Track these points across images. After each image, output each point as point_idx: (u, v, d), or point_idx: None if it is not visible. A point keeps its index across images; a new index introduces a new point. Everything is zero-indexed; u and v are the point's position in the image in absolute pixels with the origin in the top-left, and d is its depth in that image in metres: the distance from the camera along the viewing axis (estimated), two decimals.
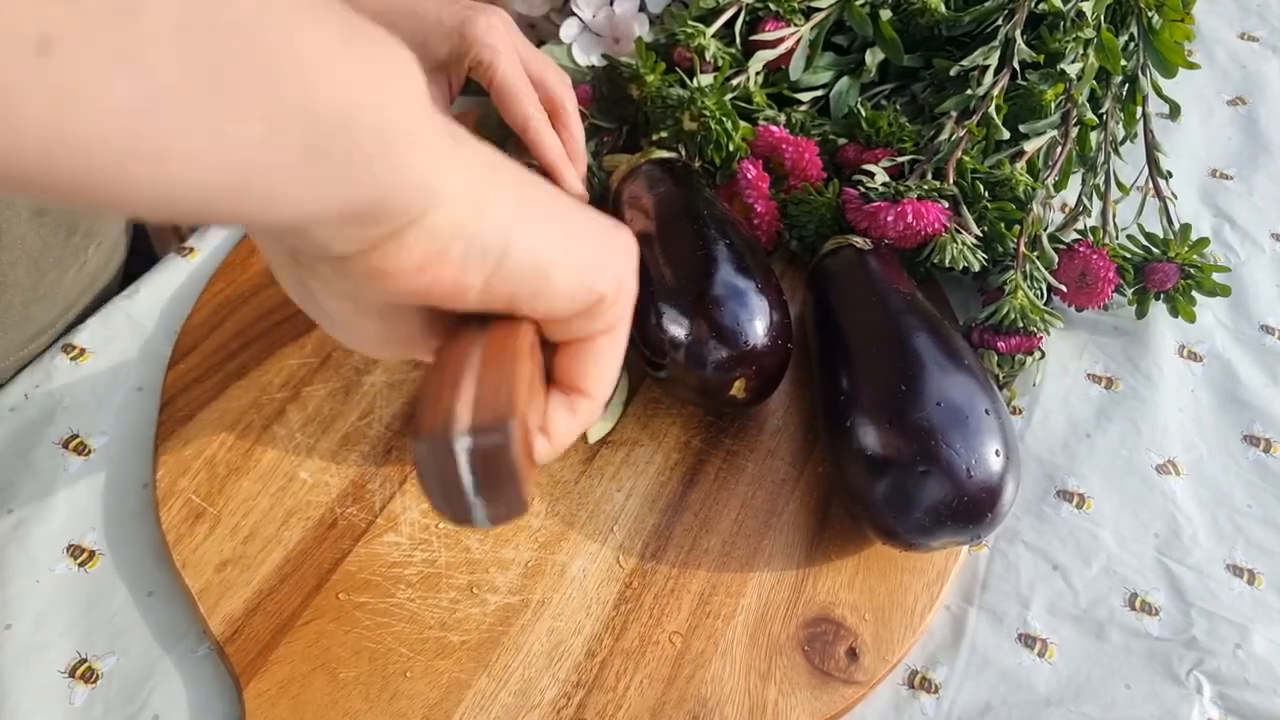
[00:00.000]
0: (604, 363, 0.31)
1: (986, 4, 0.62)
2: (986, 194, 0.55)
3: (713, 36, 0.62)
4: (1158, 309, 0.57)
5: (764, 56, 0.63)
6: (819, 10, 0.64)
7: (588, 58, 0.67)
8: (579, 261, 0.29)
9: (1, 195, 0.50)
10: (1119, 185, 0.61)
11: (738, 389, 0.47)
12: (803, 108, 0.63)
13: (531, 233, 0.28)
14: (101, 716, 0.43)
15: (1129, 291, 0.57)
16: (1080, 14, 0.60)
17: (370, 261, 0.25)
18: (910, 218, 0.52)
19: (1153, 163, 0.61)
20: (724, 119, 0.58)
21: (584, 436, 0.50)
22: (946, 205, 0.54)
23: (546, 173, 0.57)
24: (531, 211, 0.28)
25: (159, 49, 0.19)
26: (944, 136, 0.57)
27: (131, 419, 0.53)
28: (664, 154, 0.58)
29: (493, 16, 0.55)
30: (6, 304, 0.54)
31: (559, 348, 0.32)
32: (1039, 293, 0.54)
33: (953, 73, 0.60)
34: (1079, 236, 0.56)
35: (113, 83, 0.18)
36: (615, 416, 0.52)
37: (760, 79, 0.63)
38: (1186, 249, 0.55)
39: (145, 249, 0.69)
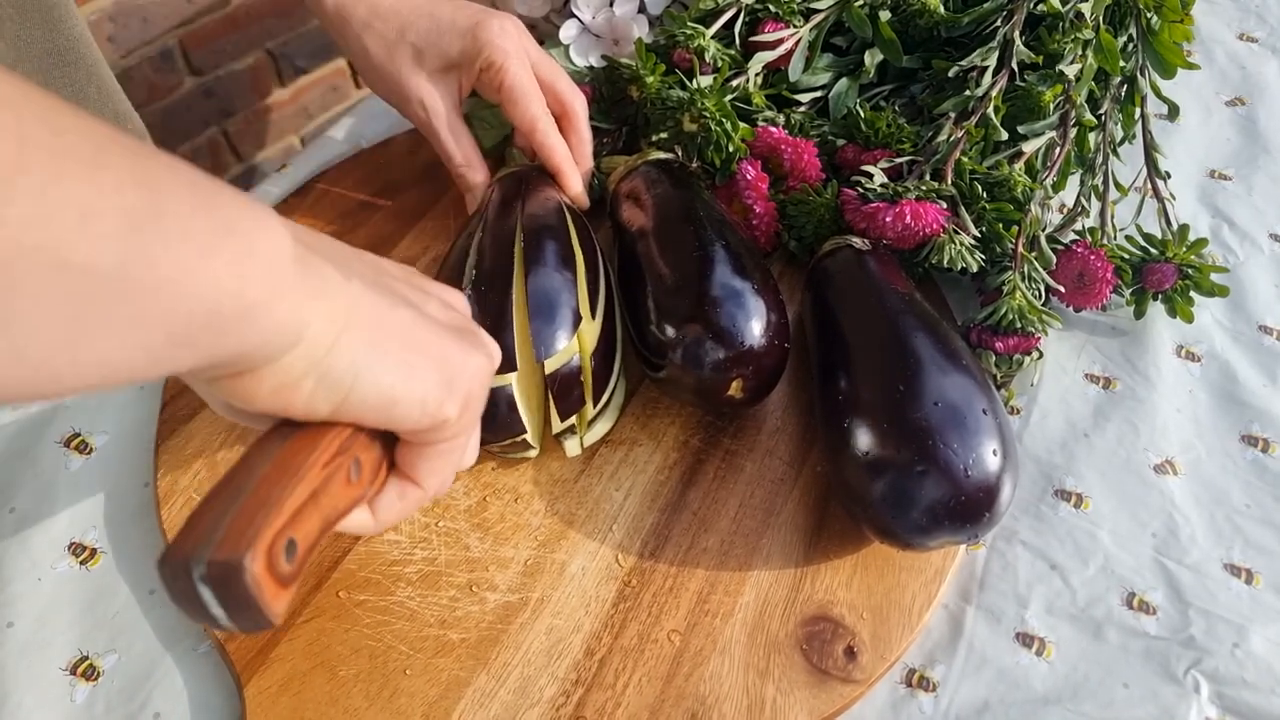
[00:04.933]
0: (440, 465, 0.33)
1: (985, 5, 0.62)
2: (985, 195, 0.55)
3: (712, 38, 0.63)
4: (1156, 309, 0.57)
5: (763, 58, 0.63)
6: (818, 11, 0.64)
7: (587, 59, 0.67)
8: (425, 393, 0.30)
9: None
10: (1117, 186, 0.61)
11: (735, 389, 0.47)
12: (802, 109, 0.64)
13: (380, 368, 0.29)
14: (103, 714, 0.43)
15: (1127, 292, 0.57)
16: (1079, 15, 0.60)
17: (228, 386, 0.27)
18: (908, 218, 0.53)
19: (1151, 163, 0.61)
20: (723, 120, 0.58)
21: (580, 443, 0.50)
22: (945, 206, 0.54)
23: (551, 174, 0.57)
24: (384, 346, 0.29)
25: (37, 314, 0.21)
26: (942, 137, 0.57)
27: (132, 417, 0.53)
28: (662, 155, 0.58)
29: (506, 21, 0.56)
30: None
31: (402, 439, 0.33)
32: (1037, 293, 0.54)
33: (951, 74, 0.60)
34: (1077, 237, 0.56)
35: None
36: (614, 416, 0.52)
37: (759, 80, 0.64)
38: (1185, 249, 0.55)
39: None
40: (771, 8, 0.63)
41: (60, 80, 0.50)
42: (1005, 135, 0.58)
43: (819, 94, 0.64)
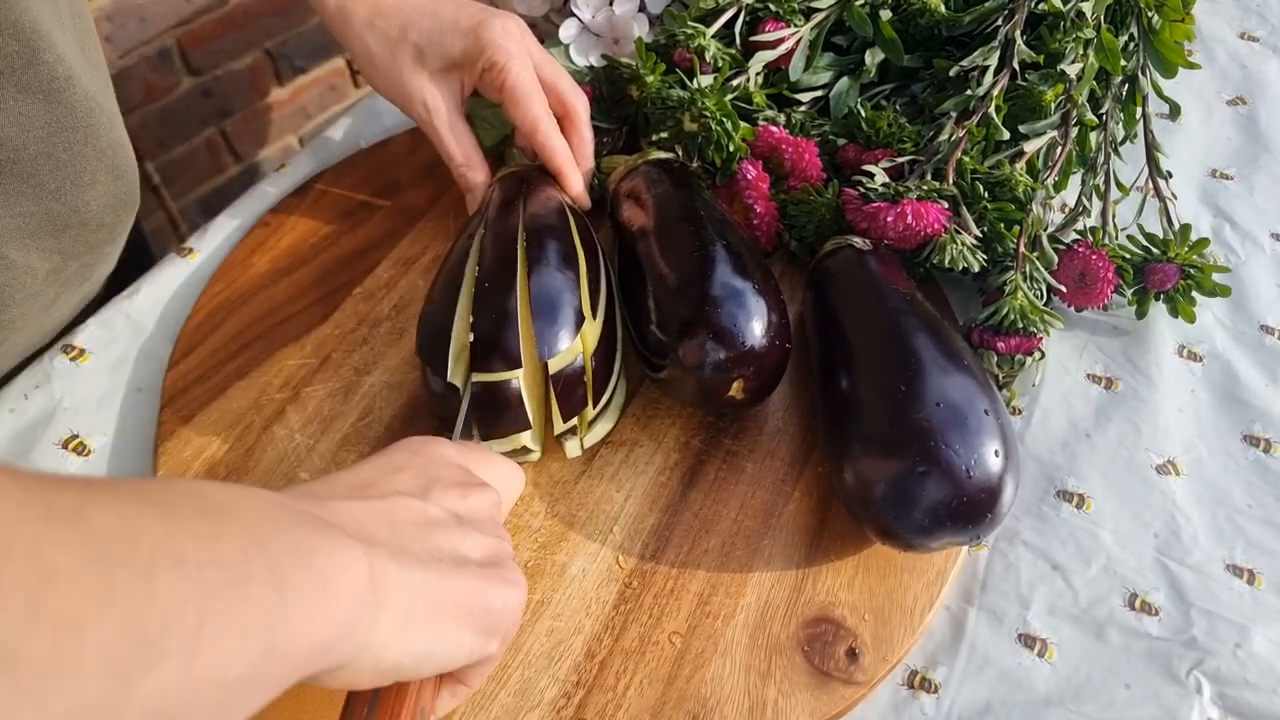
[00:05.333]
0: (483, 671, 0.37)
1: (986, 4, 0.62)
2: (986, 194, 0.55)
3: (712, 37, 0.62)
4: (1157, 309, 0.57)
5: (764, 57, 0.63)
6: (819, 10, 0.64)
7: (587, 58, 0.67)
8: (473, 646, 0.34)
9: (18, 259, 0.52)
10: (1119, 185, 0.61)
11: (736, 390, 0.47)
12: (802, 108, 0.64)
13: (438, 645, 0.32)
14: None
15: (1129, 292, 0.57)
16: (1080, 14, 0.60)
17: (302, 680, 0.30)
18: (910, 218, 0.52)
19: (1152, 163, 0.61)
20: (724, 120, 0.58)
21: (581, 444, 0.50)
22: (946, 206, 0.54)
23: (552, 175, 0.57)
24: (439, 624, 0.32)
25: None
26: (944, 137, 0.57)
27: (131, 420, 0.53)
28: (662, 155, 0.58)
29: (509, 21, 0.56)
30: (12, 343, 0.55)
31: None
32: (1039, 293, 0.54)
33: (952, 73, 0.60)
34: (1079, 237, 0.56)
35: None
36: (615, 417, 0.52)
37: (760, 79, 0.63)
38: (1186, 249, 0.55)
39: (141, 253, 0.70)
40: (772, 7, 0.63)
41: (60, 145, 0.51)
42: (1006, 135, 0.58)
43: (820, 93, 0.64)
